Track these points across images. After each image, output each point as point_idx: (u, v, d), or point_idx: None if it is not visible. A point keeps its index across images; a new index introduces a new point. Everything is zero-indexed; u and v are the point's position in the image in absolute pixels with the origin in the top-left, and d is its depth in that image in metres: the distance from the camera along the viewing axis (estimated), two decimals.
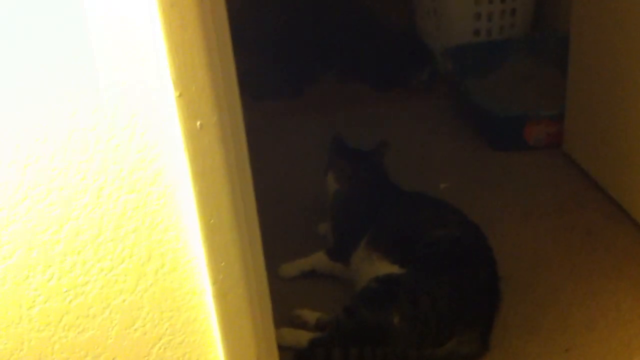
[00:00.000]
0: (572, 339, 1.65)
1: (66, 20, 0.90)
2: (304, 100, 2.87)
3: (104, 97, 0.94)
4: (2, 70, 0.91)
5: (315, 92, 2.91)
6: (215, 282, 1.08)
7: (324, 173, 1.99)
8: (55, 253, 1.03)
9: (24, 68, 0.91)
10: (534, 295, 1.79)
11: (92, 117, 0.94)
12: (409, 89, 2.86)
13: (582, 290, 1.80)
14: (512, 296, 1.76)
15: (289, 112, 2.75)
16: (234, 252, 1.07)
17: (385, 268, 1.72)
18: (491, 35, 2.81)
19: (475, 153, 2.45)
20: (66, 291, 1.07)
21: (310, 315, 1.75)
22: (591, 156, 2.21)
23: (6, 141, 0.94)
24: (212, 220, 1.03)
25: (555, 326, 1.69)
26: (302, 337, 1.68)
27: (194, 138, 0.97)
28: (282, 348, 1.34)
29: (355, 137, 2.04)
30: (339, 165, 1.95)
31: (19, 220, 1.00)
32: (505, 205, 2.15)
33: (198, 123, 0.96)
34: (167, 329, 1.13)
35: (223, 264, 1.07)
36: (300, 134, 2.62)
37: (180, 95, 0.94)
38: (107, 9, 0.90)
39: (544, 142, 2.39)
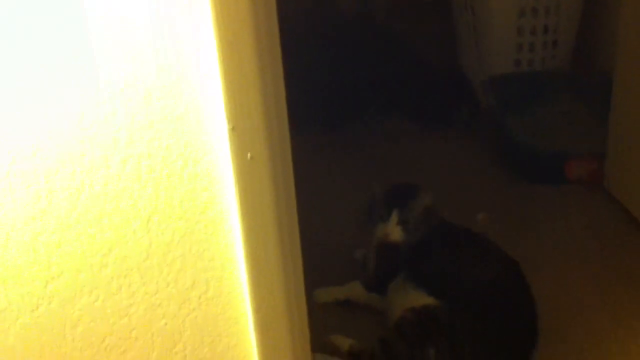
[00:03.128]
0: None
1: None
2: (344, 134, 2.88)
3: (158, 128, 0.96)
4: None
5: (356, 127, 2.92)
6: (258, 310, 1.09)
7: (378, 220, 1.85)
8: (103, 276, 1.06)
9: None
10: (573, 337, 1.76)
11: (147, 147, 0.97)
12: (450, 124, 2.85)
13: (623, 334, 1.77)
14: (551, 338, 1.73)
15: (328, 146, 2.76)
16: (278, 282, 1.08)
17: (421, 299, 1.72)
18: (533, 66, 2.80)
19: (514, 189, 2.43)
20: (110, 313, 1.09)
21: (343, 342, 1.75)
22: (633, 194, 2.19)
23: (61, 169, 0.97)
24: (257, 251, 1.05)
25: None
26: None
27: (244, 170, 0.99)
28: None
29: (396, 171, 2.04)
30: (412, 217, 1.83)
31: (69, 244, 1.03)
32: (545, 242, 2.13)
33: (249, 155, 0.98)
34: (206, 354, 1.14)
35: (266, 292, 1.09)
36: (339, 167, 2.63)
37: (233, 129, 0.96)
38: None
39: (585, 179, 2.37)
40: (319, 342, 1.72)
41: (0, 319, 1.07)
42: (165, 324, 1.11)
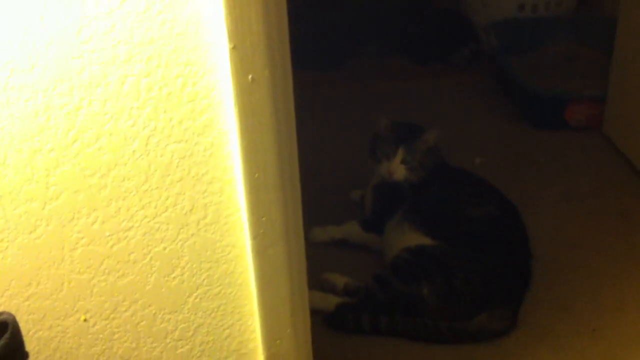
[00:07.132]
0: (601, 319, 1.65)
1: None
2: (345, 71, 2.86)
3: (158, 45, 0.94)
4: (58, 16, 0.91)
5: (356, 64, 2.90)
6: (256, 236, 1.09)
7: (382, 157, 1.84)
8: (101, 197, 1.05)
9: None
10: (565, 274, 1.79)
11: (146, 65, 0.95)
12: (450, 64, 2.84)
13: (614, 271, 1.80)
14: (544, 275, 1.75)
15: (328, 83, 2.74)
16: (276, 208, 1.08)
17: (417, 239, 1.72)
18: (537, 11, 2.76)
19: (514, 131, 2.43)
20: (109, 235, 1.09)
21: (339, 280, 1.76)
22: (631, 139, 2.19)
23: (60, 84, 0.95)
24: (256, 175, 1.04)
25: (585, 306, 1.69)
26: (330, 301, 1.70)
27: (244, 92, 0.98)
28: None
29: (395, 109, 2.03)
30: (416, 157, 1.82)
31: (67, 163, 1.02)
32: (543, 184, 2.14)
33: (250, 77, 0.97)
34: (204, 280, 1.14)
35: (264, 219, 1.08)
36: (339, 104, 2.62)
37: (234, 48, 0.94)
38: None
39: (584, 124, 2.37)
40: (314, 280, 1.73)
41: None
42: (164, 248, 1.11)
